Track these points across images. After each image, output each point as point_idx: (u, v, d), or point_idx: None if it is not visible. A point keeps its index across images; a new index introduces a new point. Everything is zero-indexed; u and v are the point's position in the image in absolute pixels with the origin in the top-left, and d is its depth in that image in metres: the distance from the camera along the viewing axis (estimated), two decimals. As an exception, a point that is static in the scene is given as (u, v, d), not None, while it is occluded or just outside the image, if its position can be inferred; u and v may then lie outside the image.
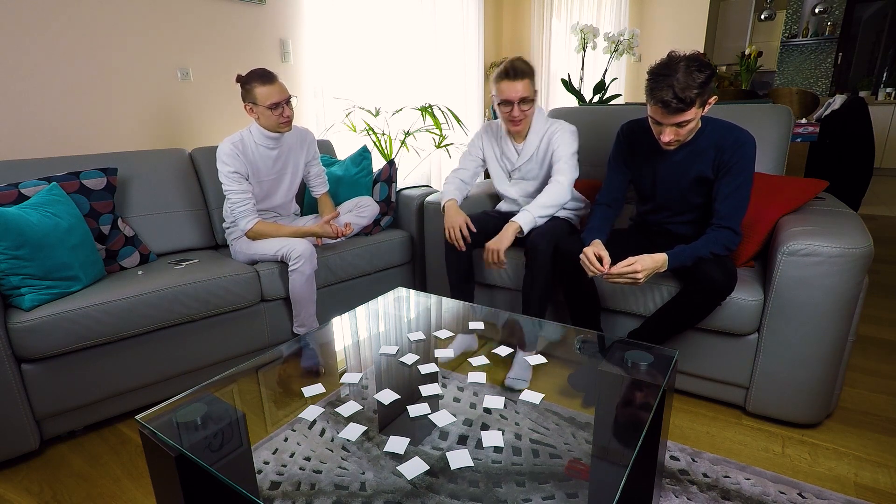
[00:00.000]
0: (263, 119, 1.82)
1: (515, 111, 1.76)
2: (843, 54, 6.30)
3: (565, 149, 1.81)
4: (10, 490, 1.35)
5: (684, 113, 1.34)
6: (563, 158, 1.81)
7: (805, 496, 1.23)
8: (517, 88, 1.72)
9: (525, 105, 1.75)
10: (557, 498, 0.76)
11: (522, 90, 1.72)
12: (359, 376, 1.11)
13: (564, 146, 1.81)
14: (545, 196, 1.78)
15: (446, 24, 3.73)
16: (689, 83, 1.30)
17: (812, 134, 3.02)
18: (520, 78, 1.71)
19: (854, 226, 1.42)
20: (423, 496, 0.76)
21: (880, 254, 3.07)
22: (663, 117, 1.37)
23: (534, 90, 1.77)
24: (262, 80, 1.77)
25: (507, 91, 1.73)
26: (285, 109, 1.81)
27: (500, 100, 1.76)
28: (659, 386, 1.00)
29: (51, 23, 1.97)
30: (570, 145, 1.82)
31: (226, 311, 1.74)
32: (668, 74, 1.31)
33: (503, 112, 1.79)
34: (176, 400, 0.99)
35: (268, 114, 1.79)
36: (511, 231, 1.72)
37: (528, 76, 1.73)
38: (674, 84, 1.30)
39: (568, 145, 1.82)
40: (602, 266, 1.44)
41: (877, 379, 1.76)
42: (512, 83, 1.71)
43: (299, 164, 2.04)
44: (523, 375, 1.11)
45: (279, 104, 1.79)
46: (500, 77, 1.74)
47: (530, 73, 1.74)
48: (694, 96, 1.31)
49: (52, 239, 1.48)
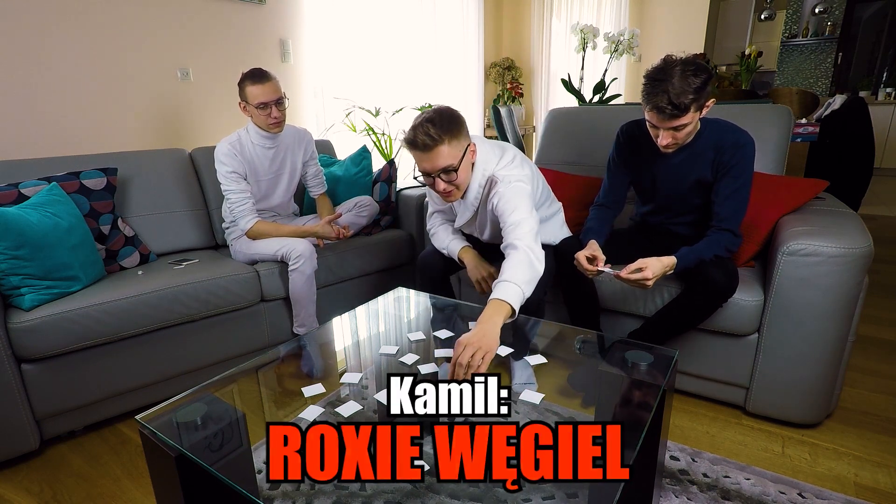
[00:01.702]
0: (255, 118, 1.83)
1: (439, 184, 1.35)
2: (843, 54, 6.29)
3: (514, 216, 1.34)
4: (10, 490, 1.35)
5: (680, 118, 1.33)
6: (515, 224, 1.32)
7: (805, 496, 1.23)
8: (431, 160, 1.31)
9: (448, 175, 1.34)
10: (557, 498, 0.76)
11: (440, 160, 1.31)
12: (359, 376, 1.11)
13: (512, 212, 1.35)
14: (521, 270, 1.22)
15: (446, 24, 3.73)
16: (684, 88, 1.29)
17: (812, 134, 3.02)
18: (429, 149, 1.29)
19: (854, 226, 1.42)
20: (423, 496, 0.76)
21: (880, 254, 3.07)
22: (660, 122, 1.37)
23: (461, 153, 1.33)
24: (253, 79, 1.76)
25: (421, 163, 1.34)
26: (273, 110, 1.80)
27: (420, 170, 1.37)
28: (659, 386, 1.00)
29: (51, 23, 1.97)
30: (520, 208, 1.35)
31: (226, 311, 1.74)
32: (664, 79, 1.30)
33: (426, 183, 1.41)
34: (176, 400, 0.99)
35: (257, 113, 1.80)
36: (501, 320, 1.13)
37: (441, 142, 1.29)
38: (669, 89, 1.29)
39: (515, 210, 1.35)
40: (595, 265, 1.44)
41: (877, 379, 1.76)
42: (422, 155, 1.32)
43: (297, 164, 2.03)
44: (529, 379, 1.11)
45: (268, 104, 1.78)
46: (407, 147, 1.36)
47: (447, 134, 1.29)
48: (689, 101, 1.30)
49: (52, 239, 1.48)
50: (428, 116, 1.31)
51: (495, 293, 1.17)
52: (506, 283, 1.18)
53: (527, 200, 1.38)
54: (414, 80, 3.52)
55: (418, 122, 1.31)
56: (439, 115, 1.31)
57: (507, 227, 1.33)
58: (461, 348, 1.03)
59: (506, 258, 1.27)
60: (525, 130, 4.80)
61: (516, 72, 4.80)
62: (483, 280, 1.57)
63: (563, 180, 2.08)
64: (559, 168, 2.22)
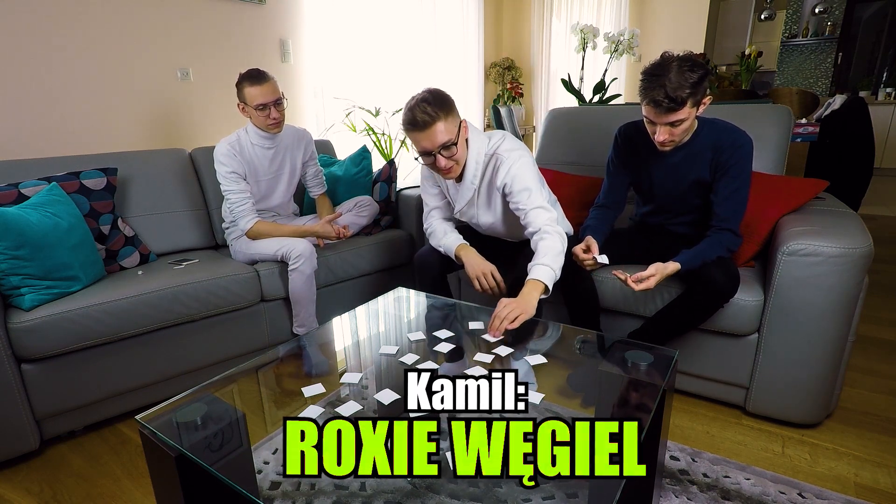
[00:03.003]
0: (254, 119, 1.82)
1: (440, 161, 1.43)
2: (843, 54, 6.29)
3: (521, 183, 1.48)
4: (10, 490, 1.35)
5: (676, 112, 1.34)
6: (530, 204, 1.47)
7: (805, 496, 1.23)
8: (430, 137, 1.39)
9: (448, 151, 1.42)
10: (557, 498, 0.76)
11: (439, 136, 1.39)
12: (359, 376, 1.11)
13: (518, 181, 1.48)
14: (551, 253, 1.40)
15: (446, 24, 3.73)
16: (681, 83, 1.30)
17: (812, 134, 3.02)
18: (428, 126, 1.37)
19: (854, 226, 1.42)
20: (423, 496, 0.76)
21: (880, 254, 3.07)
22: (656, 117, 1.38)
23: (456, 128, 1.42)
24: (251, 80, 1.75)
25: (421, 142, 1.41)
26: (272, 111, 1.79)
27: (418, 151, 1.46)
28: (659, 386, 1.00)
29: (51, 24, 1.97)
30: (525, 177, 1.48)
31: (226, 311, 1.74)
32: (661, 74, 1.31)
33: (426, 163, 1.49)
34: (176, 400, 0.99)
35: (256, 114, 1.79)
36: (538, 294, 1.34)
37: (438, 119, 1.37)
38: (666, 84, 1.30)
39: (522, 179, 1.48)
40: (590, 254, 1.50)
41: (877, 379, 1.76)
42: (421, 134, 1.39)
43: (297, 164, 2.03)
44: (528, 377, 1.11)
45: (266, 105, 1.77)
46: (406, 129, 1.43)
47: (443, 111, 1.38)
48: (686, 96, 1.31)
49: (52, 239, 1.48)
50: (422, 97, 1.39)
51: (532, 275, 1.37)
52: (540, 266, 1.38)
53: (535, 170, 1.53)
54: (414, 80, 3.52)
55: (413, 103, 1.39)
56: (432, 95, 1.39)
57: (528, 212, 1.48)
58: (502, 306, 1.26)
59: (539, 242, 1.44)
60: (525, 130, 4.80)
61: (516, 72, 4.80)
62: (483, 276, 1.56)
63: (562, 180, 2.08)
64: (559, 168, 2.22)
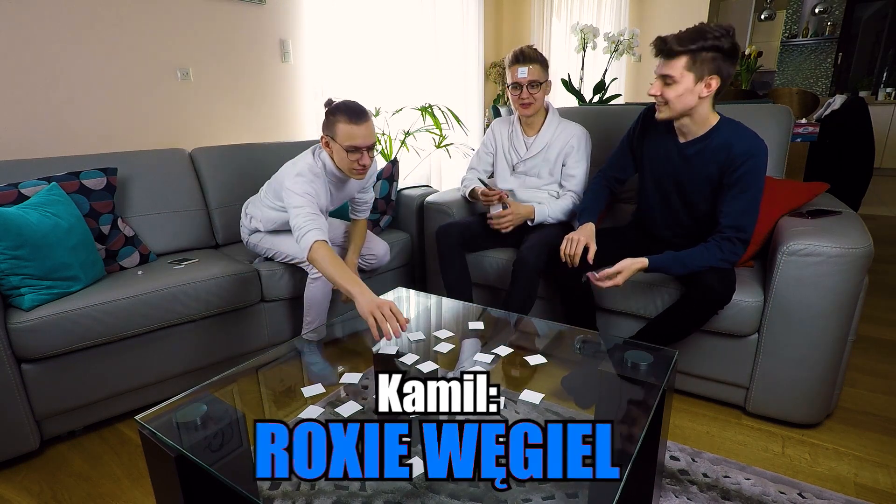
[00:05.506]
0: (338, 158, 1.61)
1: (524, 93, 1.82)
2: (843, 54, 6.29)
3: (581, 157, 1.90)
4: (10, 490, 1.35)
5: (668, 64, 1.36)
6: (578, 177, 1.91)
7: (805, 496, 1.23)
8: (525, 72, 1.79)
9: (534, 89, 1.82)
10: (557, 498, 0.76)
11: (531, 74, 1.79)
12: (359, 376, 1.11)
13: (579, 152, 1.90)
14: (561, 205, 1.90)
15: (446, 24, 3.73)
16: (683, 37, 1.32)
17: (812, 134, 3.02)
18: (528, 63, 1.78)
19: (854, 226, 1.42)
20: (423, 496, 0.76)
21: (880, 254, 3.07)
22: (657, 66, 1.40)
23: (545, 77, 1.83)
24: (350, 116, 1.53)
25: (516, 74, 1.80)
26: (364, 156, 1.58)
27: (510, 83, 1.84)
28: (659, 386, 1.00)
29: (50, 23, 1.97)
30: (585, 157, 1.91)
31: (226, 311, 1.74)
32: None
33: (513, 96, 1.86)
34: (176, 400, 0.99)
35: (343, 155, 1.58)
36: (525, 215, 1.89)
37: (536, 62, 1.79)
38: (670, 35, 1.35)
39: (583, 156, 1.91)
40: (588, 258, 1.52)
41: (877, 379, 1.76)
42: (520, 67, 1.79)
43: (354, 192, 1.89)
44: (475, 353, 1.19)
45: (360, 149, 1.56)
46: (510, 62, 1.83)
47: (539, 59, 1.81)
48: (679, 51, 1.32)
49: (51, 239, 1.48)
50: (528, 45, 1.85)
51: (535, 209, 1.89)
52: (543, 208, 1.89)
53: (588, 150, 1.94)
54: (414, 80, 3.52)
55: (521, 47, 1.82)
56: (533, 49, 1.82)
57: (571, 175, 1.91)
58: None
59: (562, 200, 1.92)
60: (525, 130, 4.79)
61: (516, 72, 4.79)
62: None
63: (563, 180, 2.08)
64: (559, 168, 2.22)
